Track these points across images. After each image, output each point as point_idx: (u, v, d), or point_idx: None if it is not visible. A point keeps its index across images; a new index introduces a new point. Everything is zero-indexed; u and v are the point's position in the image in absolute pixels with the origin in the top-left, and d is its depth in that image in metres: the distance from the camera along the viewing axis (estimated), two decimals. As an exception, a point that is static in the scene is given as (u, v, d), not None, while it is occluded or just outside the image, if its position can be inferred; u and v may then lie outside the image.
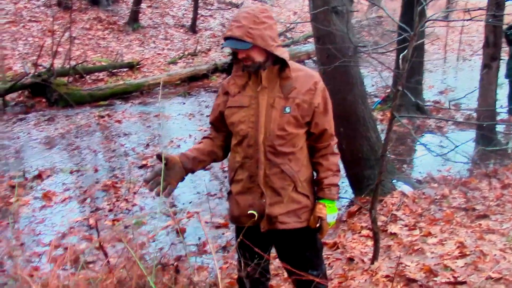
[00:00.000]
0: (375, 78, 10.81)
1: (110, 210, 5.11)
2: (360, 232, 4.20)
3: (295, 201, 2.36)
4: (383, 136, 6.86)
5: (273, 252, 2.63)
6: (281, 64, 2.29)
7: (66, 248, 4.39)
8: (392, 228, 4.08)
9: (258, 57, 2.24)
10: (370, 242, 3.90)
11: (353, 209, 4.78)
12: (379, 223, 4.22)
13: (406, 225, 4.13)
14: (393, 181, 5.03)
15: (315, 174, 2.50)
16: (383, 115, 8.38)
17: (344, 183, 5.42)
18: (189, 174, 2.48)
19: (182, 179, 2.47)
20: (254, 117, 2.29)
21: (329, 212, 2.38)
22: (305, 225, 2.39)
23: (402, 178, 5.23)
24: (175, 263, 2.30)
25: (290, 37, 15.01)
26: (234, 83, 2.38)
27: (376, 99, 9.32)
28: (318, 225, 2.40)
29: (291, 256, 2.45)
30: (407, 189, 4.91)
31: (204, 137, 2.60)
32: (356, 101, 4.91)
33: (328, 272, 3.47)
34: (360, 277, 3.25)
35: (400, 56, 3.08)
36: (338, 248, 3.95)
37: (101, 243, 2.58)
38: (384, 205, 4.61)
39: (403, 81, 2.82)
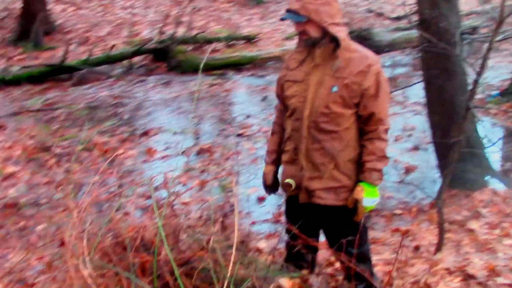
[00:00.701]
0: (501, 69, 10.09)
1: (202, 172, 5.47)
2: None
3: (335, 179, 2.41)
4: (491, 130, 6.49)
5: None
6: (337, 42, 2.33)
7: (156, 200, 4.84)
8: (472, 224, 3.93)
9: (314, 32, 2.30)
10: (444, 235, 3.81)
11: (437, 200, 4.65)
12: (460, 218, 4.11)
13: (487, 223, 3.95)
14: (487, 178, 4.78)
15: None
16: (499, 109, 7.84)
17: (436, 174, 5.26)
18: None
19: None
20: (304, 92, 2.38)
21: (367, 195, 2.39)
22: (343, 204, 2.44)
23: (498, 175, 4.94)
24: (221, 219, 2.48)
25: (415, 21, 14.39)
26: (294, 58, 2.48)
27: (494, 92, 8.71)
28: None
29: (331, 232, 2.52)
30: (500, 187, 4.65)
31: (274, 123, 2.74)
32: (455, 90, 4.70)
33: (390, 256, 3.48)
34: (420, 266, 3.22)
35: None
36: (408, 236, 3.90)
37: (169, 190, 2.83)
38: (471, 200, 4.43)
39: (481, 70, 2.70)
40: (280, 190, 2.74)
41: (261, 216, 4.58)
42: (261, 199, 4.87)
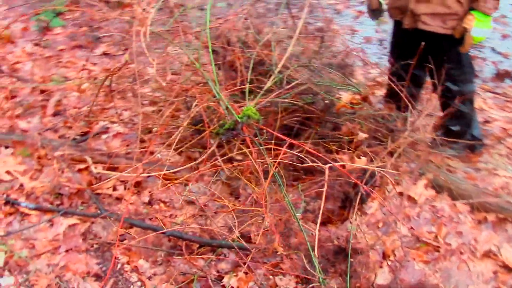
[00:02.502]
0: None
1: (362, 2, 5.29)
2: None
3: (444, 5, 2.20)
4: None
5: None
6: None
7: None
8: None
9: None
10: None
11: None
12: None
13: None
14: None
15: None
16: None
17: None
18: None
19: None
20: None
21: (478, 25, 2.15)
22: (449, 32, 2.25)
23: None
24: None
25: None
26: None
27: None
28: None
29: (434, 64, 2.35)
30: None
31: None
32: None
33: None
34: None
35: None
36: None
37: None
38: None
39: None
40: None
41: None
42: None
